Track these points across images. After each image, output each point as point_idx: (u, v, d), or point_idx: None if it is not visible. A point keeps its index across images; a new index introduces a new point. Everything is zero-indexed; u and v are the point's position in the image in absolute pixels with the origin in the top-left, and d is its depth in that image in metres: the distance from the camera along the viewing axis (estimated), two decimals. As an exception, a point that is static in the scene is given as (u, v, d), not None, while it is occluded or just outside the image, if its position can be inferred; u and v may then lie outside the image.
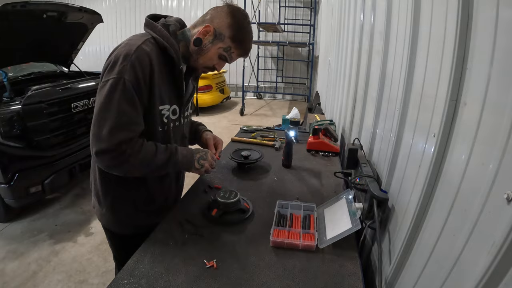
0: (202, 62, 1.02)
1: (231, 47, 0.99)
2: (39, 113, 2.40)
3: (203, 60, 1.01)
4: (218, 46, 0.98)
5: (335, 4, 3.19)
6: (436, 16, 0.77)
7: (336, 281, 0.81)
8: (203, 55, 1.00)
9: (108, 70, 0.89)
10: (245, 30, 1.00)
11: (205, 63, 1.02)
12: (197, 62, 1.02)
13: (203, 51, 0.99)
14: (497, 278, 0.46)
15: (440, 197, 0.69)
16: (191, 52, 1.01)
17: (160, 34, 0.95)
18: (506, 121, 0.47)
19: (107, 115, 0.87)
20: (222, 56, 1.01)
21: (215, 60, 1.02)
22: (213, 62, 1.02)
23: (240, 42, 0.99)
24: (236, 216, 1.05)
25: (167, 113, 1.01)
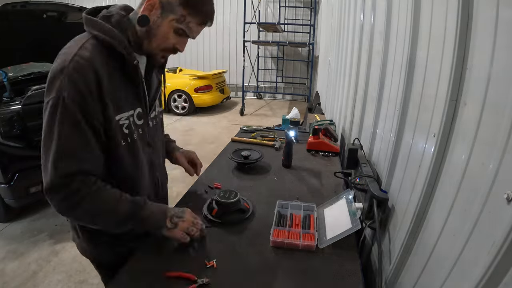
0: (156, 44, 0.85)
1: (185, 15, 0.82)
2: (39, 113, 2.39)
3: (157, 41, 0.84)
4: (170, 18, 0.81)
5: (335, 4, 3.19)
6: (436, 16, 0.77)
7: (336, 281, 0.81)
8: (155, 34, 0.83)
9: (46, 90, 0.76)
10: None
11: (161, 44, 0.85)
12: (151, 45, 0.85)
13: (154, 29, 0.83)
14: (497, 278, 0.46)
15: (440, 197, 0.69)
16: (140, 36, 0.84)
17: (100, 30, 0.79)
18: (506, 121, 0.47)
19: (49, 143, 0.74)
20: (178, 30, 0.83)
21: (172, 38, 0.84)
22: (170, 41, 0.85)
23: (194, 6, 0.82)
24: (236, 216, 1.05)
25: (126, 122, 0.85)
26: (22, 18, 2.42)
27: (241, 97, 6.78)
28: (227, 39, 8.04)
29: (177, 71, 6.76)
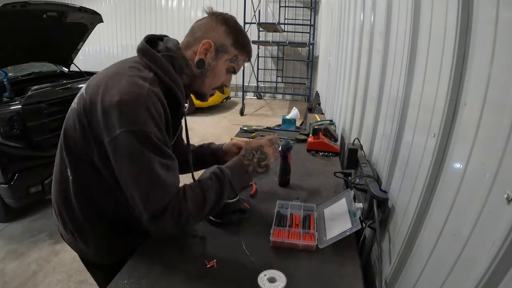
0: (209, 83, 0.91)
1: (237, 54, 0.91)
2: (39, 113, 2.40)
3: (211, 81, 0.91)
4: (224, 59, 0.89)
5: (335, 4, 3.19)
6: (436, 16, 0.77)
7: (336, 281, 0.81)
8: (209, 75, 0.90)
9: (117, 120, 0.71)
10: (243, 33, 0.93)
11: (213, 83, 0.92)
12: (204, 85, 0.91)
13: (208, 71, 0.89)
14: (497, 278, 0.46)
15: (440, 197, 0.69)
16: (194, 77, 0.89)
17: (165, 71, 0.81)
18: (506, 121, 0.47)
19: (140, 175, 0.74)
20: (230, 68, 0.92)
21: (223, 76, 0.92)
22: (221, 79, 0.93)
23: (243, 46, 0.92)
24: (236, 216, 1.05)
25: None
26: (22, 18, 2.42)
27: (241, 97, 6.78)
28: (227, 39, 8.03)
29: (177, 71, 6.75)
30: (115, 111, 0.71)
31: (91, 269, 1.07)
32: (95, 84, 0.79)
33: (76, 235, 0.93)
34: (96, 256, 0.97)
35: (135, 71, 0.79)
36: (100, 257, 0.97)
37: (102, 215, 0.90)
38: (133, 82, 0.75)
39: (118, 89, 0.73)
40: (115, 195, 0.86)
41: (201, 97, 0.95)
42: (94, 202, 0.88)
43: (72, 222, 0.91)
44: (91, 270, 1.07)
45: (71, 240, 0.96)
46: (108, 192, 0.86)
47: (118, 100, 0.72)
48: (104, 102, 0.73)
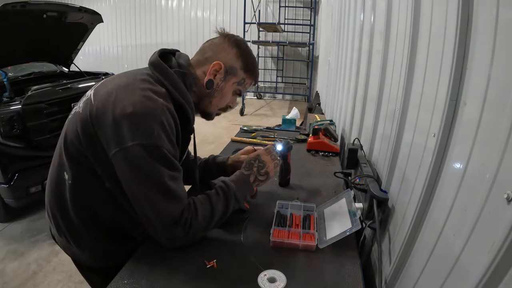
0: (216, 104, 0.93)
1: (245, 78, 0.92)
2: (39, 113, 2.40)
3: (218, 102, 0.92)
4: (232, 81, 0.91)
5: (335, 4, 3.19)
6: (436, 16, 0.77)
7: (336, 281, 0.81)
8: (217, 96, 0.91)
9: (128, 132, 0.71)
10: (253, 57, 0.94)
11: (220, 104, 0.94)
12: (211, 105, 0.93)
13: (216, 91, 0.90)
14: (497, 278, 0.46)
15: (440, 197, 0.69)
16: (202, 96, 0.90)
17: (176, 88, 0.82)
18: (506, 121, 0.47)
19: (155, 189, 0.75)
20: (237, 90, 0.94)
21: (229, 98, 0.94)
22: (227, 101, 0.94)
23: (252, 70, 0.93)
24: (236, 216, 1.05)
25: None
26: (22, 18, 2.42)
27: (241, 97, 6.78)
28: (227, 39, 8.04)
29: (177, 71, 6.75)
30: (128, 122, 0.72)
31: (85, 273, 1.06)
32: (106, 93, 0.78)
33: (70, 238, 0.92)
34: (91, 260, 0.96)
35: (147, 84, 0.79)
36: (95, 261, 0.96)
37: (98, 220, 0.89)
38: (147, 96, 0.75)
39: (131, 101, 0.73)
40: (114, 204, 0.86)
41: (207, 116, 0.97)
42: (91, 208, 0.87)
43: (66, 225, 0.90)
44: (85, 273, 1.06)
45: (65, 243, 0.95)
46: (108, 200, 0.86)
47: (131, 112, 0.72)
48: (115, 112, 0.73)
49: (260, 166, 0.94)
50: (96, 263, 0.97)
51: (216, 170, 1.18)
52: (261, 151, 0.98)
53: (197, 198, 0.84)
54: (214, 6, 7.94)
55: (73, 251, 0.96)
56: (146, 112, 0.73)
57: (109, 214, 0.89)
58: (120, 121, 0.72)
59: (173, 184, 0.76)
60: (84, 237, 0.91)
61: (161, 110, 0.74)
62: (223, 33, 0.94)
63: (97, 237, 0.91)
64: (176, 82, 0.83)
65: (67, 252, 1.00)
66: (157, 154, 0.73)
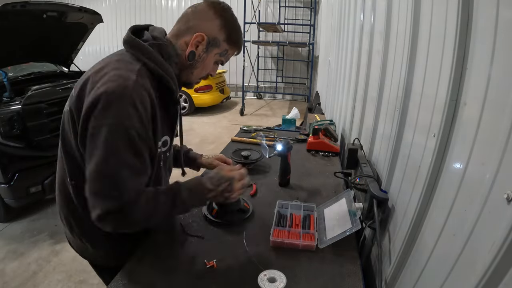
0: (197, 74, 0.92)
1: (228, 49, 0.90)
2: (39, 113, 2.40)
3: (199, 72, 0.91)
4: (215, 52, 0.89)
5: (335, 4, 3.19)
6: (436, 16, 0.77)
7: (336, 281, 0.81)
8: (198, 67, 0.89)
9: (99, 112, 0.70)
10: (237, 28, 0.90)
11: (200, 74, 0.92)
12: (192, 75, 0.91)
13: (198, 62, 0.88)
14: (497, 278, 0.46)
15: (440, 197, 0.69)
16: (183, 67, 0.89)
17: (154, 61, 0.80)
18: (506, 121, 0.47)
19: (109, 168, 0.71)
20: (219, 61, 0.93)
21: (210, 68, 0.92)
22: (208, 70, 0.93)
23: (235, 41, 0.90)
24: (236, 216, 1.05)
25: (159, 149, 0.87)
26: (22, 18, 2.42)
27: (241, 97, 6.78)
28: (227, 39, 8.04)
29: (177, 71, 6.75)
30: (100, 104, 0.70)
31: (101, 273, 1.06)
32: (82, 81, 0.78)
33: (84, 239, 0.92)
34: (106, 259, 0.97)
35: (121, 63, 0.77)
36: (110, 259, 0.96)
37: None
38: (119, 75, 0.73)
39: (103, 82, 0.72)
40: None
41: (187, 85, 0.95)
42: None
43: (78, 226, 0.91)
44: (102, 275, 1.06)
45: (79, 244, 0.95)
46: None
47: (103, 91, 0.70)
48: (89, 96, 0.72)
49: (227, 190, 0.88)
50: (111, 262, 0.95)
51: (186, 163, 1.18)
52: (237, 176, 0.91)
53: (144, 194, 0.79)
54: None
55: (89, 251, 0.96)
56: (117, 90, 0.71)
57: None
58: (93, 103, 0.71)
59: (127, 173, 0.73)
60: (96, 236, 0.89)
61: (132, 89, 0.72)
62: None
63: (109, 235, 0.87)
64: (152, 54, 0.80)
65: (83, 254, 0.99)
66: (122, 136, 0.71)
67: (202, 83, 6.05)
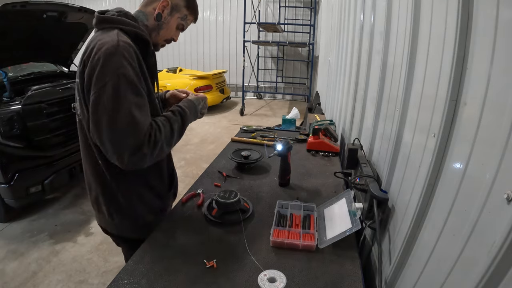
0: (163, 35, 1.07)
1: (187, 14, 1.07)
2: (39, 113, 2.40)
3: (164, 33, 1.07)
4: (177, 16, 1.05)
5: (335, 4, 3.19)
6: (436, 16, 0.77)
7: (336, 281, 0.81)
8: (164, 28, 1.05)
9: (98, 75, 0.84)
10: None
11: (166, 36, 1.08)
12: (158, 37, 1.07)
13: (164, 24, 1.05)
14: (497, 278, 0.46)
15: (440, 197, 0.69)
16: (151, 28, 1.04)
17: (124, 24, 0.95)
18: (506, 121, 0.47)
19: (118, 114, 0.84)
20: (180, 25, 1.08)
21: (173, 31, 1.08)
22: (171, 34, 1.08)
23: (193, 8, 1.08)
24: (236, 216, 1.05)
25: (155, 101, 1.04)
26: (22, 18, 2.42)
27: (241, 97, 6.78)
28: (227, 39, 8.04)
29: (177, 71, 6.76)
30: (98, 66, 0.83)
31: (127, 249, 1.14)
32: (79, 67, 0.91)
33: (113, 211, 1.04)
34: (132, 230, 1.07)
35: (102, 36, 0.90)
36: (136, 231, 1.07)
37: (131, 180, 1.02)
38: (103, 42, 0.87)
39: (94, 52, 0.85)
40: None
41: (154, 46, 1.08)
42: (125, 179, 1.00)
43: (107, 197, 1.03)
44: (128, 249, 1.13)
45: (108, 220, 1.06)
46: None
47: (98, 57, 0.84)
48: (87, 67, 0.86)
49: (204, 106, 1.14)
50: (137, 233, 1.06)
51: None
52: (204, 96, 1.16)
53: (159, 120, 0.95)
54: (214, 6, 7.94)
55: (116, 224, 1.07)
56: (108, 51, 0.84)
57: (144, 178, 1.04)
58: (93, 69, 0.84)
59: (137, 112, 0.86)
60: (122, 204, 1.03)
61: (118, 46, 0.86)
62: None
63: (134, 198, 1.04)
64: (121, 20, 0.95)
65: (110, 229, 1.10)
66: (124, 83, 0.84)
67: (202, 83, 6.07)
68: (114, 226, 1.08)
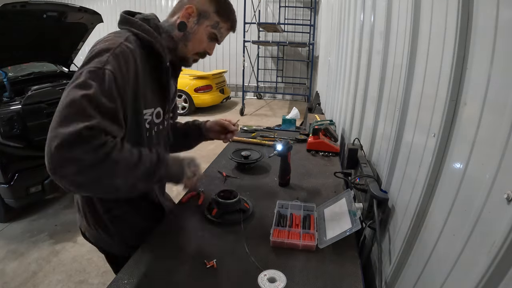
0: (191, 48, 0.94)
1: (219, 21, 0.93)
2: (39, 113, 2.40)
3: (193, 45, 0.94)
4: (205, 24, 0.92)
5: (335, 4, 3.19)
6: (436, 16, 0.77)
7: (336, 281, 0.81)
8: (191, 39, 0.93)
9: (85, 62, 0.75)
10: (227, 1, 0.94)
11: (195, 48, 0.95)
12: (186, 49, 0.94)
13: (190, 34, 0.92)
14: (497, 278, 0.46)
15: (440, 197, 0.69)
16: (177, 40, 0.93)
17: (141, 29, 0.86)
18: (506, 121, 0.47)
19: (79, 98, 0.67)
20: (212, 34, 0.94)
21: (205, 42, 0.94)
22: (203, 45, 0.95)
23: (227, 14, 0.93)
24: (236, 216, 1.05)
25: (149, 117, 0.90)
26: (22, 18, 2.42)
27: (241, 97, 6.78)
28: (227, 39, 7.98)
29: (177, 71, 6.75)
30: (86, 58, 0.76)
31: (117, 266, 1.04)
32: None
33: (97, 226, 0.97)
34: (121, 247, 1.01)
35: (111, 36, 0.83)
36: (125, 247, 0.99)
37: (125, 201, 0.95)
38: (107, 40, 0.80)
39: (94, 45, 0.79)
40: None
41: (183, 61, 0.98)
42: None
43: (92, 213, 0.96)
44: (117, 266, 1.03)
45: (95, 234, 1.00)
46: None
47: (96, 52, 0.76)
48: None
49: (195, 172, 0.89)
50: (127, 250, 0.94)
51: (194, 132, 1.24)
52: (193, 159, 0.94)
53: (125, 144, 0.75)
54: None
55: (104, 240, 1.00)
56: (104, 47, 0.76)
57: None
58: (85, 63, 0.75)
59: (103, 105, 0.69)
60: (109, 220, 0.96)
61: (116, 46, 0.77)
62: None
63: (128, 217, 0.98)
64: (141, 25, 0.86)
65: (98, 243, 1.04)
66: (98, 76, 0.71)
67: (202, 83, 6.07)
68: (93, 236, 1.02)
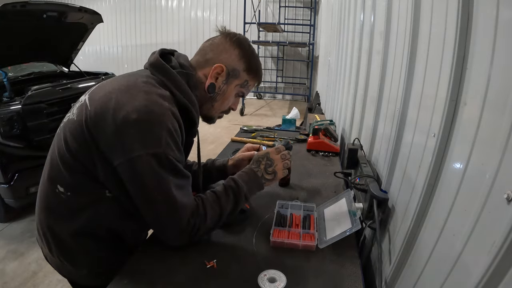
0: (218, 108, 0.89)
1: (248, 80, 0.88)
2: (39, 113, 2.40)
3: (219, 105, 0.89)
4: (235, 84, 0.87)
5: (335, 4, 3.19)
6: (436, 16, 0.77)
7: (336, 281, 0.81)
8: (219, 101, 0.87)
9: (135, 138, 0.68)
10: (256, 57, 0.89)
11: (222, 107, 0.90)
12: (213, 109, 0.89)
13: (218, 95, 0.86)
14: (497, 278, 0.46)
15: (440, 197, 0.69)
16: (203, 99, 0.86)
17: (181, 90, 0.78)
18: (506, 121, 0.47)
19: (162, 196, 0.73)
20: (240, 93, 0.90)
21: (232, 100, 0.90)
22: (229, 104, 0.91)
23: (255, 71, 0.89)
24: (236, 216, 1.05)
25: None
26: (22, 18, 2.42)
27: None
28: (227, 39, 8.04)
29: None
30: (133, 130, 0.68)
31: None
32: (104, 96, 0.73)
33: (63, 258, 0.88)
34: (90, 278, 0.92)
35: (150, 86, 0.74)
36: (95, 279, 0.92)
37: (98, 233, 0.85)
38: (151, 100, 0.71)
39: (134, 106, 0.69)
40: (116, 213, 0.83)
41: (208, 120, 0.94)
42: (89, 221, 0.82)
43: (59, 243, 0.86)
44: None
45: (58, 263, 0.91)
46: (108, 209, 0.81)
47: (136, 118, 0.68)
48: (117, 118, 0.68)
49: (267, 164, 0.91)
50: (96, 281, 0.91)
51: (216, 174, 1.15)
52: (271, 150, 0.95)
53: (206, 199, 0.82)
54: (214, 6, 7.94)
55: (68, 270, 0.92)
56: (152, 118, 0.69)
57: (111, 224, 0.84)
58: (124, 129, 0.68)
59: (179, 194, 0.74)
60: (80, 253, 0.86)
61: (167, 116, 0.71)
62: (224, 32, 0.88)
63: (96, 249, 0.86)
64: (180, 83, 0.78)
65: (61, 272, 0.96)
66: (165, 164, 0.71)
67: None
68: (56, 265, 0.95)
